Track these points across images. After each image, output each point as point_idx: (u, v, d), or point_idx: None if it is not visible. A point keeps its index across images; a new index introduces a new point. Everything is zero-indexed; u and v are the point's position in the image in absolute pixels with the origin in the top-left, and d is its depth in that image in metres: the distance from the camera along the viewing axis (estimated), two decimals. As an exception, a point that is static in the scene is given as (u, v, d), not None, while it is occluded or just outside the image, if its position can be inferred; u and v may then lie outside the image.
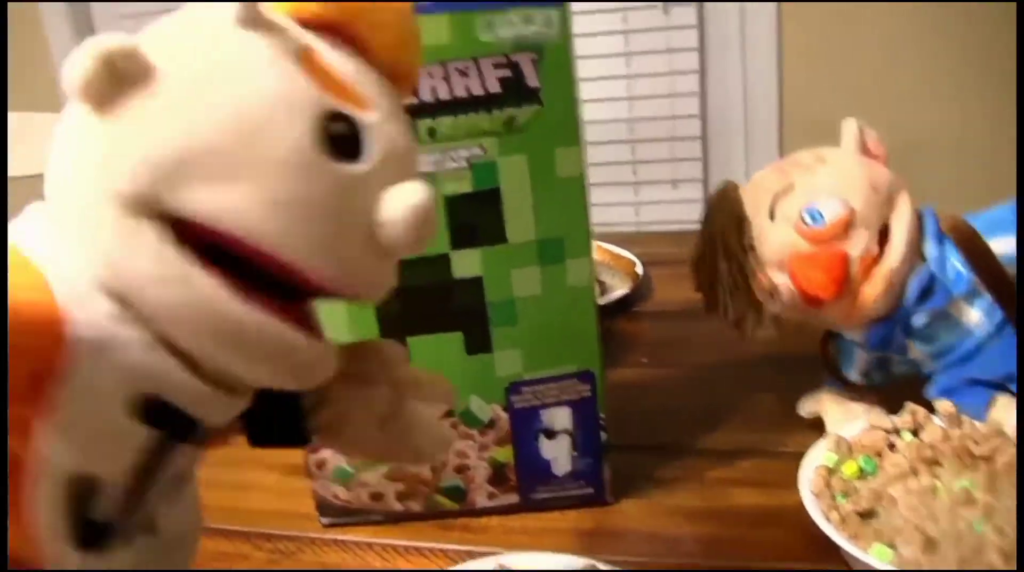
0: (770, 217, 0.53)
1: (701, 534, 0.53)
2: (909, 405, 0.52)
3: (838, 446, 0.50)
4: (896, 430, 0.50)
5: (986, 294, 0.52)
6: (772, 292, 0.54)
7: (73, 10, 1.98)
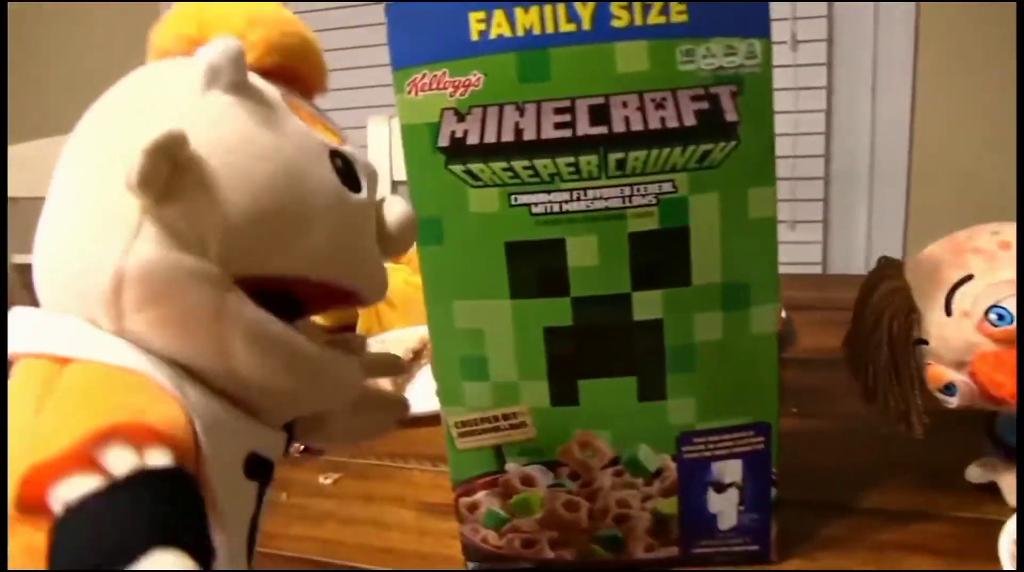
0: (946, 312, 0.50)
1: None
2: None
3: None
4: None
5: None
6: (946, 387, 0.51)
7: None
